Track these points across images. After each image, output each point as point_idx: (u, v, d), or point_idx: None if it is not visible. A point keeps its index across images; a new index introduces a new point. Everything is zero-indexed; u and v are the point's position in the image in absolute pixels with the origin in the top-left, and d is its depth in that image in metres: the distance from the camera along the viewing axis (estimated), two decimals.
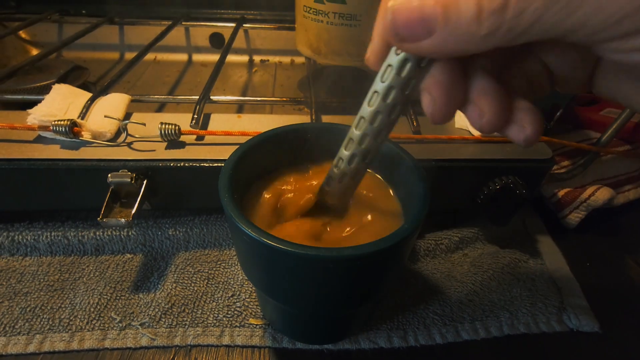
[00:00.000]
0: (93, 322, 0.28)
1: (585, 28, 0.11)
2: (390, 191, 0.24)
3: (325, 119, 0.34)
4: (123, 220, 0.27)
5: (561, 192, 0.37)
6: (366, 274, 0.19)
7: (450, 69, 0.14)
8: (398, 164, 0.23)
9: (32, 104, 0.30)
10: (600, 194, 0.36)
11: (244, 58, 0.58)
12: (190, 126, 0.30)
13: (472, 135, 0.32)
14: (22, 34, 0.55)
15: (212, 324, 0.28)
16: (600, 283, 0.33)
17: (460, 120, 0.34)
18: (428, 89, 0.15)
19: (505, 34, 0.12)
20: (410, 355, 0.27)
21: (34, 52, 0.55)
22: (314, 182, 0.24)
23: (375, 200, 0.23)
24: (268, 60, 0.58)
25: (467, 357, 0.27)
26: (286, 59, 0.58)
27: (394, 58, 0.15)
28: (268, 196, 0.23)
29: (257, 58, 0.58)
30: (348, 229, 0.22)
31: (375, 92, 0.16)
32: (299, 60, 0.57)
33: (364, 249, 0.17)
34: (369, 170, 0.25)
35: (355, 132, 0.18)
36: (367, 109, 0.17)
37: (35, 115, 0.28)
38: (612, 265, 0.35)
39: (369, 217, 0.22)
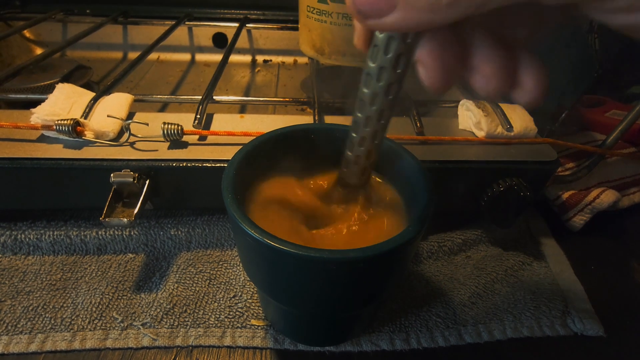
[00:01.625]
0: (95, 322, 0.28)
1: None
2: (395, 192, 0.24)
3: (329, 119, 0.34)
4: (125, 220, 0.26)
5: (565, 195, 0.37)
6: (369, 276, 0.19)
7: (440, 36, 0.14)
8: (402, 165, 0.23)
9: (36, 103, 0.30)
10: (605, 197, 0.36)
11: (247, 58, 0.58)
12: (193, 126, 0.30)
13: (476, 136, 0.32)
14: (27, 33, 0.55)
15: (214, 325, 0.28)
16: (605, 286, 0.33)
17: (464, 121, 0.33)
18: (420, 60, 0.14)
19: (469, 3, 0.11)
20: (413, 358, 0.27)
21: (38, 51, 0.56)
22: (318, 183, 0.24)
23: (381, 202, 0.23)
24: (271, 60, 0.58)
25: None
26: (289, 59, 0.58)
27: (378, 38, 0.15)
28: (271, 197, 0.23)
29: (260, 58, 0.58)
30: (355, 233, 0.22)
31: (368, 74, 0.16)
32: (302, 60, 0.57)
33: (367, 252, 0.17)
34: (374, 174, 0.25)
35: (358, 115, 0.18)
36: (364, 91, 0.17)
37: (39, 115, 0.28)
38: (616, 268, 0.35)
39: (374, 218, 0.22)
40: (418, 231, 0.18)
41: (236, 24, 0.54)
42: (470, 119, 0.33)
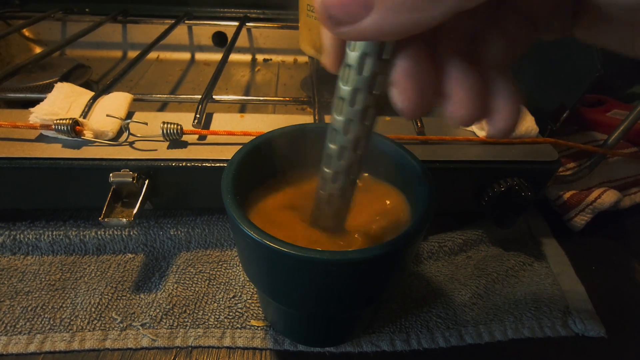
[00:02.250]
0: (94, 322, 0.27)
1: None
2: (399, 192, 0.24)
3: (328, 119, 0.34)
4: (124, 220, 0.26)
5: (567, 195, 0.37)
6: (369, 277, 0.19)
7: (416, 55, 0.13)
8: (403, 165, 0.23)
9: (35, 102, 0.29)
10: (607, 197, 0.35)
11: (247, 57, 0.58)
12: (193, 126, 0.30)
13: (477, 136, 0.32)
14: (26, 32, 0.55)
15: (214, 325, 0.28)
16: (606, 287, 0.32)
17: None
18: (395, 82, 0.13)
19: None
20: (413, 359, 0.27)
21: (38, 50, 0.55)
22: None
23: (381, 203, 0.23)
24: (271, 59, 0.58)
25: None
26: (289, 58, 0.58)
27: (351, 56, 0.13)
28: (271, 197, 0.23)
29: (260, 57, 0.58)
30: (356, 234, 0.21)
31: (341, 98, 0.14)
32: (302, 59, 0.57)
33: (368, 253, 0.17)
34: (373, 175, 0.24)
35: (331, 147, 0.16)
36: (337, 119, 0.15)
37: (38, 114, 0.28)
38: (618, 268, 0.35)
39: (375, 219, 0.22)
40: (418, 232, 0.18)
41: (236, 23, 0.54)
42: None
